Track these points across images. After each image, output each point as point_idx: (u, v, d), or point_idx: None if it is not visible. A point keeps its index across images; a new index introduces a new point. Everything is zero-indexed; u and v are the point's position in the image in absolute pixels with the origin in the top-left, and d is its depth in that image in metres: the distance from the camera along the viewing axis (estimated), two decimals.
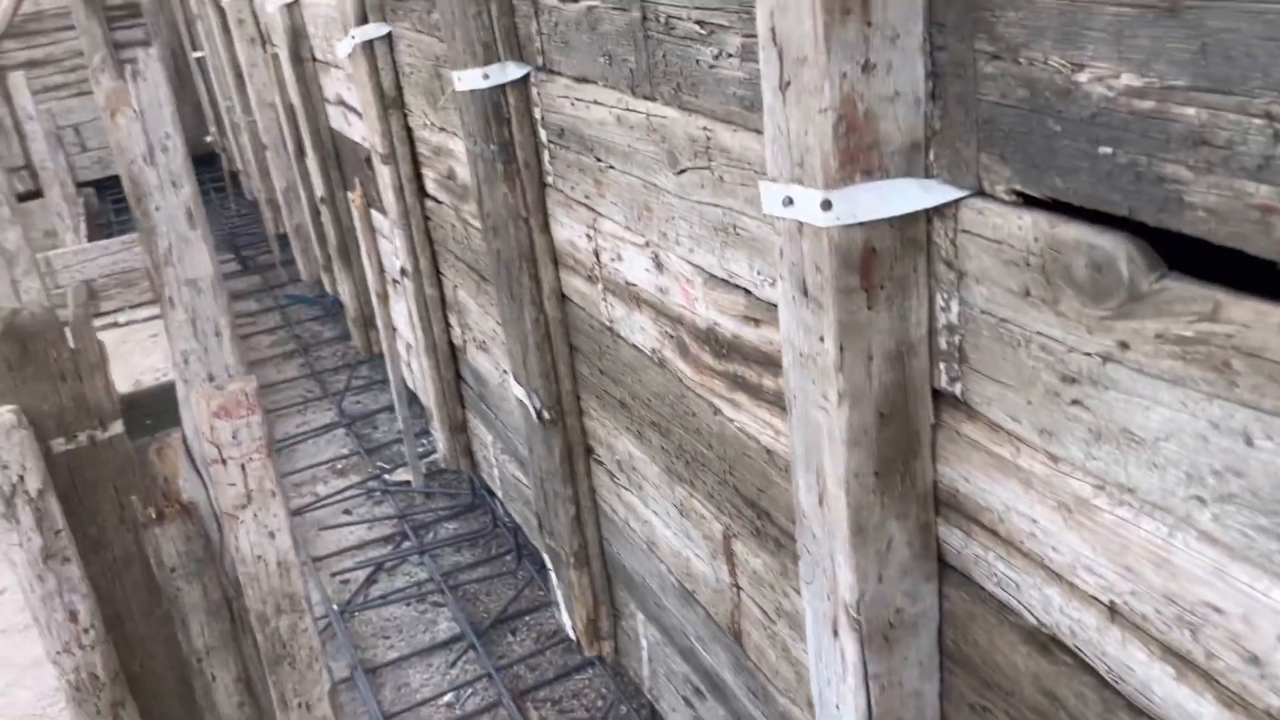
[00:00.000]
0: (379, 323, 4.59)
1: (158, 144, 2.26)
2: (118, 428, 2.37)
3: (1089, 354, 1.07)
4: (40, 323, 2.23)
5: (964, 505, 1.33)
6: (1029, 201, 1.10)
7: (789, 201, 1.24)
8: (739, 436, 1.85)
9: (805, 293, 1.27)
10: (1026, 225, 1.09)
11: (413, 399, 4.83)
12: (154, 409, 5.34)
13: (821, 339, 1.27)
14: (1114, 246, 1.00)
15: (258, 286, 7.79)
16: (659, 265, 1.96)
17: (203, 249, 2.37)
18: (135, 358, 6.79)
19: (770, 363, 1.67)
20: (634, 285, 2.10)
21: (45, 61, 9.17)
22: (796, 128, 1.20)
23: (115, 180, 9.56)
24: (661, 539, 2.34)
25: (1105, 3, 0.93)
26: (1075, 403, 1.10)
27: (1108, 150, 0.98)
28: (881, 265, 1.22)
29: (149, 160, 2.27)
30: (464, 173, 2.99)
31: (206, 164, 10.01)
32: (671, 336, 1.99)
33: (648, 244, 1.98)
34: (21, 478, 2.15)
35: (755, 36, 1.43)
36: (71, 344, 2.26)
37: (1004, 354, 1.18)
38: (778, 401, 1.68)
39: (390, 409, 5.59)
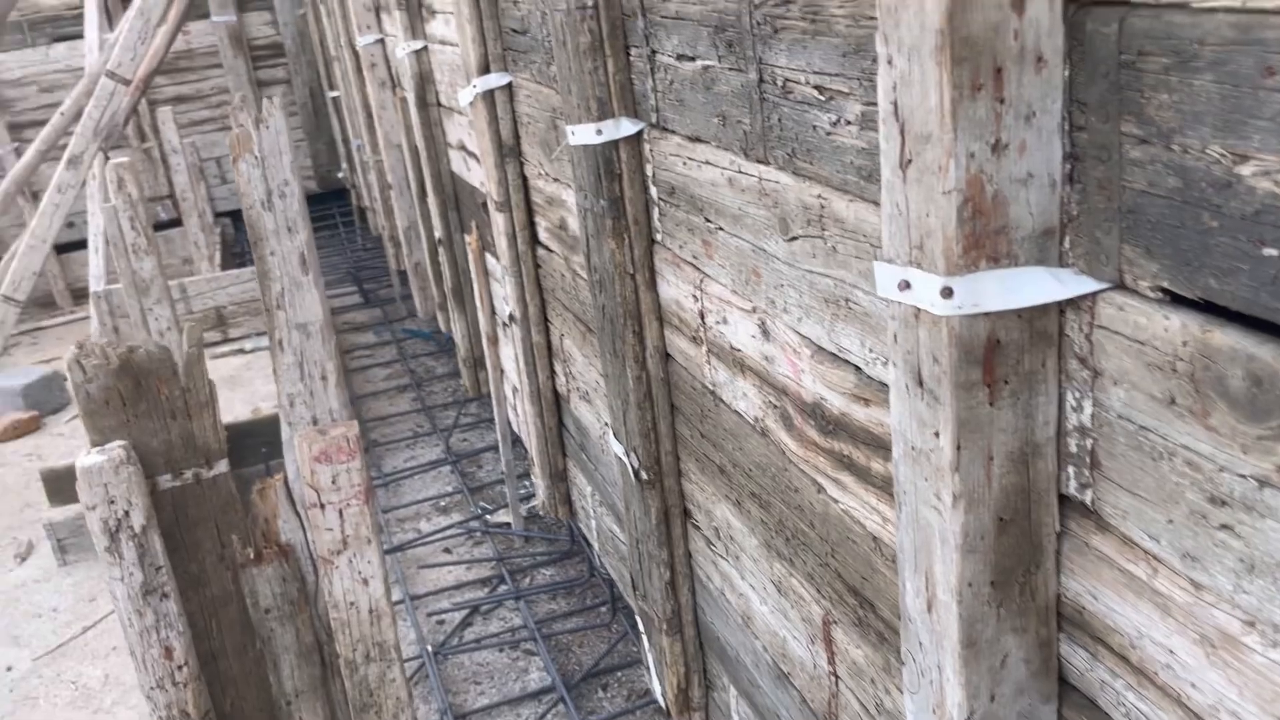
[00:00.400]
0: (488, 364, 4.62)
1: (276, 190, 2.30)
2: (223, 466, 2.40)
3: (1243, 476, 0.95)
4: (155, 360, 2.27)
5: (1090, 624, 1.21)
6: (1177, 300, 0.99)
7: (905, 285, 1.15)
8: (843, 519, 1.75)
9: (920, 384, 1.18)
10: (1174, 327, 0.98)
11: (516, 441, 4.83)
12: (271, 437, 5.47)
13: (936, 435, 1.17)
14: (1277, 359, 0.89)
15: (377, 320, 7.98)
16: (765, 332, 1.88)
17: (314, 294, 2.40)
18: (257, 384, 7.02)
19: (880, 445, 1.56)
20: (739, 350, 2.02)
21: (193, 97, 9.67)
22: (917, 208, 1.11)
23: None
24: (757, 614, 2.23)
25: (1275, 89, 0.83)
26: (1225, 528, 0.98)
27: (1273, 252, 0.87)
28: (1006, 359, 1.12)
29: (267, 205, 2.30)
30: (575, 224, 2.97)
31: (338, 198, 10.38)
32: (775, 407, 1.91)
33: (755, 310, 1.91)
34: (127, 513, 2.18)
35: (875, 105, 1.35)
36: (183, 382, 2.30)
37: (1143, 465, 1.06)
38: (886, 487, 1.58)
39: (495, 449, 5.62)
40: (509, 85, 3.29)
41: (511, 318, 3.71)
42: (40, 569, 5.06)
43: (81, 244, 8.10)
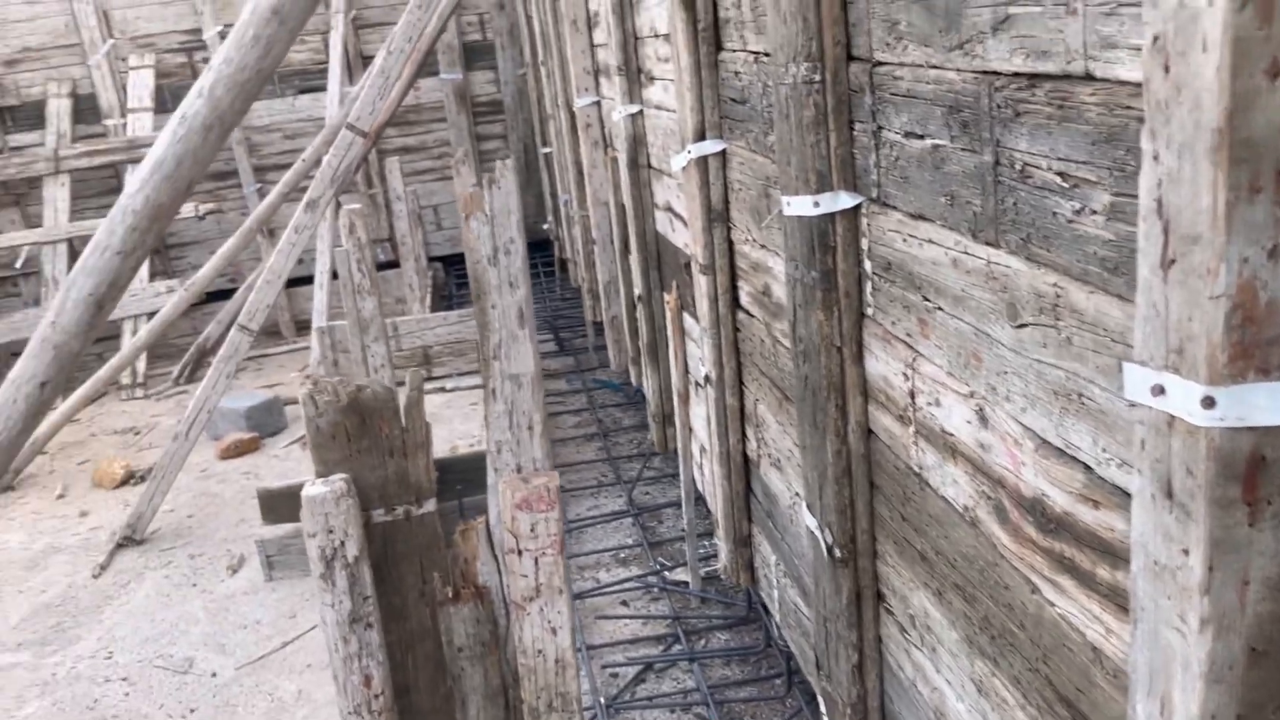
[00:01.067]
0: (677, 421, 4.65)
1: (502, 247, 2.41)
2: (430, 505, 2.51)
3: None
4: (380, 400, 2.41)
5: None
6: None
7: (1159, 390, 1.09)
8: (1058, 624, 1.65)
9: (1170, 495, 1.10)
10: None
11: (699, 500, 4.83)
12: (466, 475, 5.68)
13: (1185, 552, 1.09)
14: None
15: (570, 368, 8.21)
16: (983, 419, 1.82)
17: (528, 347, 2.49)
18: (455, 423, 7.34)
19: (1108, 551, 1.47)
20: (950, 435, 1.96)
21: (417, 148, 10.31)
22: (1178, 311, 1.05)
23: (460, 257, 10.52)
24: (952, 712, 2.13)
25: None
26: None
27: None
28: (1272, 478, 1.04)
29: (492, 261, 2.42)
30: (780, 291, 2.97)
31: (541, 249, 10.80)
32: (989, 498, 1.83)
33: (972, 395, 1.85)
34: (343, 543, 2.31)
35: (1127, 196, 1.30)
36: (403, 423, 2.43)
37: None
38: (1113, 596, 1.48)
39: (676, 505, 5.64)
40: (722, 152, 3.34)
41: (707, 379, 3.73)
42: (249, 582, 5.42)
43: (306, 280, 8.74)
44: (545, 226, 10.30)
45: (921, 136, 1.89)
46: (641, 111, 4.68)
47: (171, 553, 5.84)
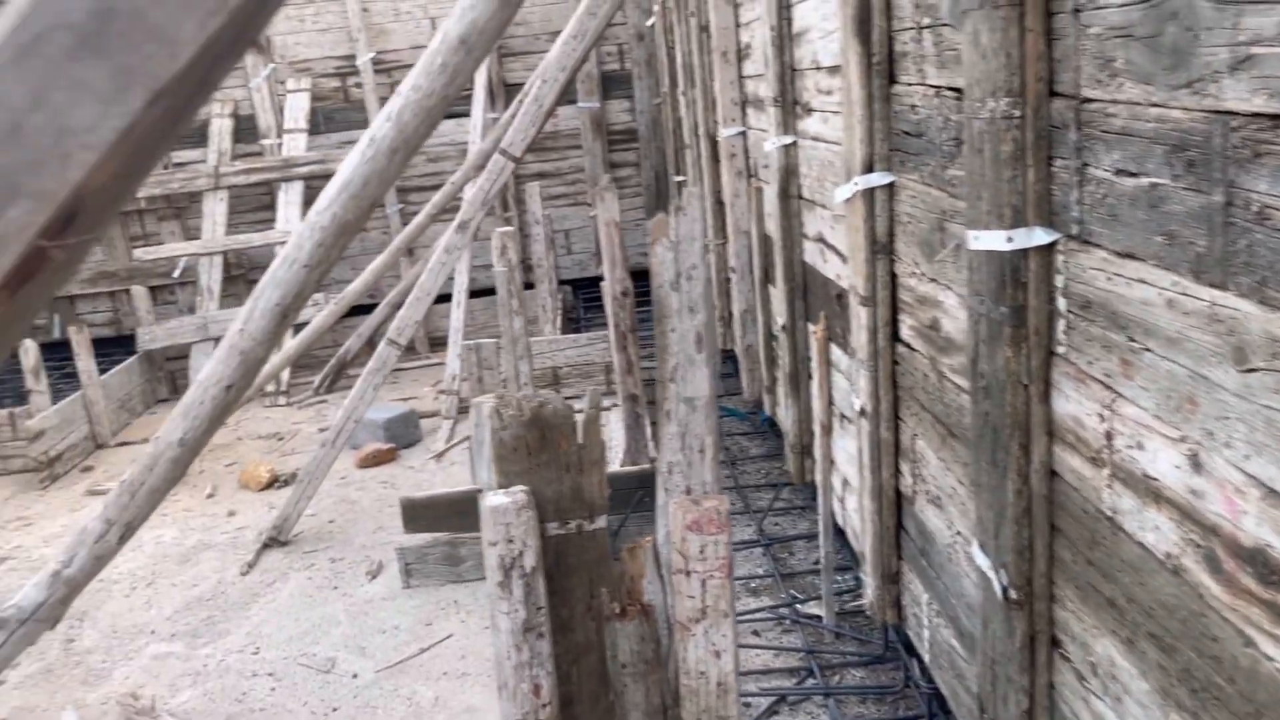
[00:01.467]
0: (817, 454, 4.63)
1: (684, 273, 2.46)
2: (602, 521, 2.56)
3: None
4: (559, 416, 2.48)
5: None
6: None
7: None
8: (1275, 679, 1.59)
9: None
10: None
11: (837, 533, 4.78)
12: None
13: None
14: None
15: None
16: (1195, 465, 1.77)
17: (704, 371, 2.53)
18: None
19: None
20: (1154, 480, 1.91)
21: (553, 174, 10.55)
22: None
23: (588, 281, 10.68)
24: None
25: None
26: None
27: None
28: None
29: (674, 286, 2.47)
30: (949, 325, 2.94)
31: None
32: (1198, 546, 1.78)
33: (1183, 439, 1.80)
34: (521, 554, 2.37)
35: None
36: (580, 439, 2.49)
37: None
38: None
39: (808, 537, 5.60)
40: (890, 185, 3.34)
41: (861, 412, 3.71)
42: (387, 588, 5.58)
43: (439, 298, 8.98)
44: None
45: (1135, 174, 1.86)
46: (795, 143, 4.71)
47: (314, 555, 6.06)
